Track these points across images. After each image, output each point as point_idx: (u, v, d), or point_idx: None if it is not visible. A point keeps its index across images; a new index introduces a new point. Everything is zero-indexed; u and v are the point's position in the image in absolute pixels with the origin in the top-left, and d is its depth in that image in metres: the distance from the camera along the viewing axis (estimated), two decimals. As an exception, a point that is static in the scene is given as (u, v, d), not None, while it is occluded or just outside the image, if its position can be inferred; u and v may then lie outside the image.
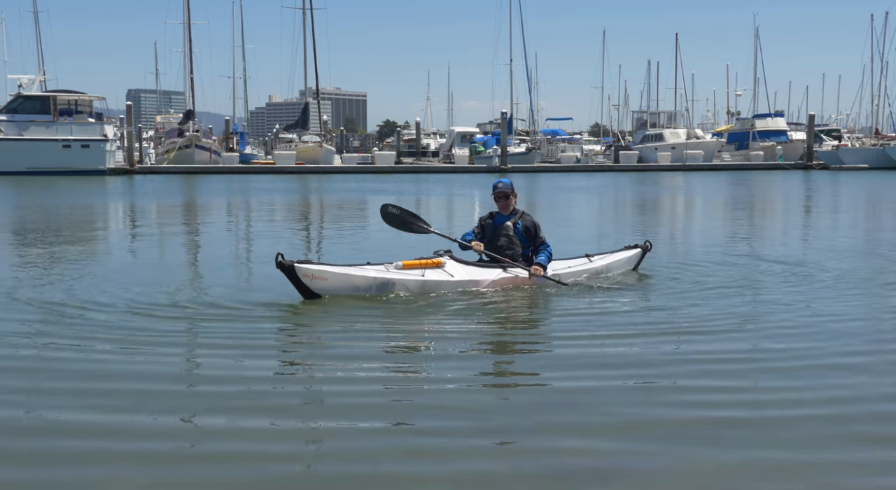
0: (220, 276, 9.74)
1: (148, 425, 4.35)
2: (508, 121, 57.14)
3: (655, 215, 21.31)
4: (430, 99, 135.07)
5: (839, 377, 5.28)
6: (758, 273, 9.69)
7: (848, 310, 7.48)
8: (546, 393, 5.02)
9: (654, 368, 5.44)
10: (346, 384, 5.17)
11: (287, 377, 5.42)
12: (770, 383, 5.14)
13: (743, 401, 4.76)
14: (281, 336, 6.59)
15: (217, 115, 76.83)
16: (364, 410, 4.58)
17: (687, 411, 4.59)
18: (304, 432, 4.32)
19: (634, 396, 4.88)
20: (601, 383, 5.12)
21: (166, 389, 4.98)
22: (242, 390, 4.97)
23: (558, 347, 6.18)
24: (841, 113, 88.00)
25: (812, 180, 40.90)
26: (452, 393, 4.95)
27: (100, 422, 4.40)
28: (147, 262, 11.59)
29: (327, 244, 14.36)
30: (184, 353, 5.97)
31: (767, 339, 6.31)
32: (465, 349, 6.17)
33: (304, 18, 58.38)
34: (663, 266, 10.09)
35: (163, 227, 17.81)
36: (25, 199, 26.50)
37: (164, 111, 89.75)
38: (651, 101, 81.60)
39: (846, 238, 14.39)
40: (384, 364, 5.68)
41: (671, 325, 6.75)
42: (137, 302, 7.67)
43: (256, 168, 52.70)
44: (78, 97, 47.47)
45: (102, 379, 5.23)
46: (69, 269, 10.13)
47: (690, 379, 5.24)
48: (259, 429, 4.31)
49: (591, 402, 4.74)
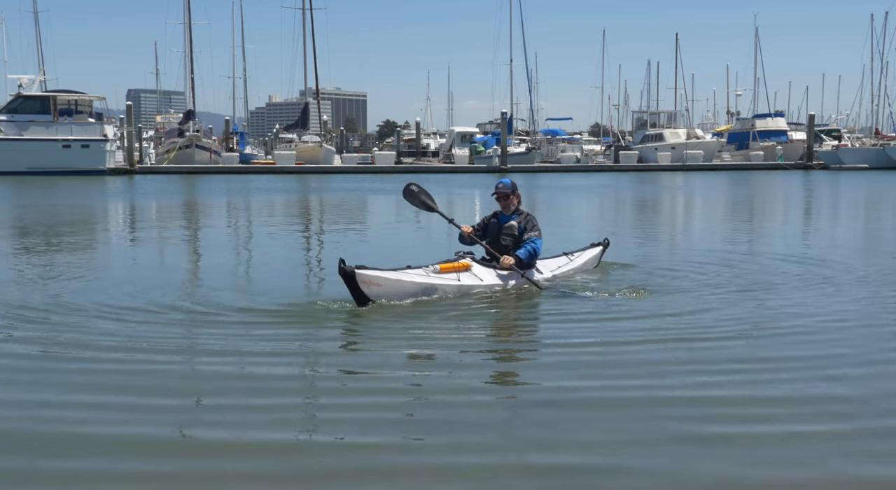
0: (222, 277, 9.75)
1: (149, 439, 4.35)
2: (508, 121, 57.10)
3: (655, 215, 21.31)
4: (430, 99, 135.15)
5: (846, 383, 5.27)
6: (764, 274, 9.62)
7: (857, 311, 7.47)
8: (561, 404, 5.02)
9: (671, 377, 5.39)
10: (357, 395, 5.17)
11: (309, 383, 5.42)
12: (773, 391, 5.13)
13: (749, 408, 4.76)
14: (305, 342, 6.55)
15: (217, 115, 76.80)
16: (373, 417, 4.58)
17: (696, 419, 4.59)
18: (321, 443, 4.31)
19: (646, 410, 4.87)
20: (613, 392, 5.12)
21: (163, 403, 4.97)
22: (249, 391, 4.97)
23: (575, 355, 6.13)
24: (841, 113, 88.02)
25: (812, 180, 40.88)
26: (480, 406, 4.94)
27: (121, 433, 4.39)
28: (148, 263, 11.59)
29: (332, 245, 14.35)
30: (190, 359, 5.96)
31: (775, 345, 6.29)
32: (480, 359, 6.16)
33: (303, 18, 58.40)
34: (665, 268, 10.09)
35: (164, 227, 17.79)
36: (25, 199, 26.49)
37: (165, 111, 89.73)
38: (651, 101, 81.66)
39: (847, 238, 14.38)
40: (402, 373, 5.67)
41: (689, 330, 6.62)
42: (136, 303, 7.67)
43: (256, 168, 52.67)
44: (78, 97, 47.43)
45: (106, 385, 5.23)
46: (69, 271, 10.14)
47: (705, 389, 5.18)
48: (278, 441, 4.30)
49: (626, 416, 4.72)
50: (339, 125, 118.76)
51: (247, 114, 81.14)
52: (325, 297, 7.91)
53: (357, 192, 30.77)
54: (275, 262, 11.05)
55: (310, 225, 18.71)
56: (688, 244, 13.83)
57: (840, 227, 17.46)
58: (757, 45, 73.33)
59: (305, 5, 58.14)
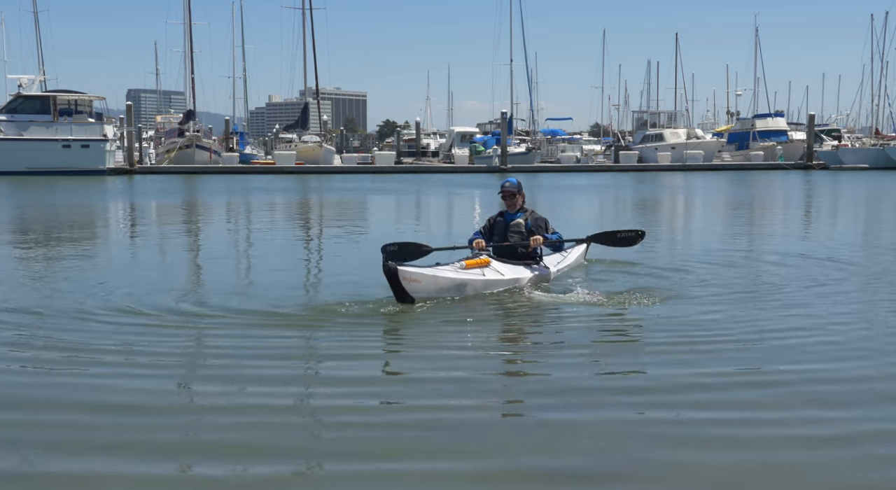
0: (222, 278, 9.75)
1: (150, 440, 4.33)
2: (508, 121, 57.07)
3: (655, 214, 21.28)
4: (430, 99, 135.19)
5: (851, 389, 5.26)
6: (771, 276, 9.60)
7: (861, 315, 7.46)
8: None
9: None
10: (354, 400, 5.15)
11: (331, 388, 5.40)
12: (774, 391, 5.11)
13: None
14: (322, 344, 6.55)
15: (217, 115, 76.73)
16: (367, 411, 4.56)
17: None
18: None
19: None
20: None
21: (163, 403, 4.96)
22: (248, 391, 4.96)
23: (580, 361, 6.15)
24: (841, 113, 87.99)
25: (812, 180, 40.87)
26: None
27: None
28: (148, 263, 11.58)
29: (332, 245, 14.33)
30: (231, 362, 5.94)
31: (777, 346, 6.27)
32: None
33: (303, 18, 58.42)
34: (667, 267, 10.07)
35: (164, 227, 17.77)
36: (25, 199, 26.47)
37: (165, 111, 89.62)
38: (651, 101, 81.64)
39: (849, 238, 14.37)
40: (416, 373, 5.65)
41: (699, 332, 6.56)
42: (136, 303, 7.65)
43: (256, 168, 52.65)
44: (78, 97, 47.42)
45: (105, 388, 5.22)
46: (70, 270, 10.13)
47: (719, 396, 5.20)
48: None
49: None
50: (339, 125, 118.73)
51: (247, 114, 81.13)
52: (326, 297, 7.92)
53: (357, 192, 30.76)
54: (274, 262, 11.04)
55: (310, 225, 18.69)
56: (687, 244, 13.82)
57: (840, 227, 17.44)
58: (757, 45, 73.45)
59: (305, 5, 58.23)
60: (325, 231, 17.03)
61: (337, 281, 9.05)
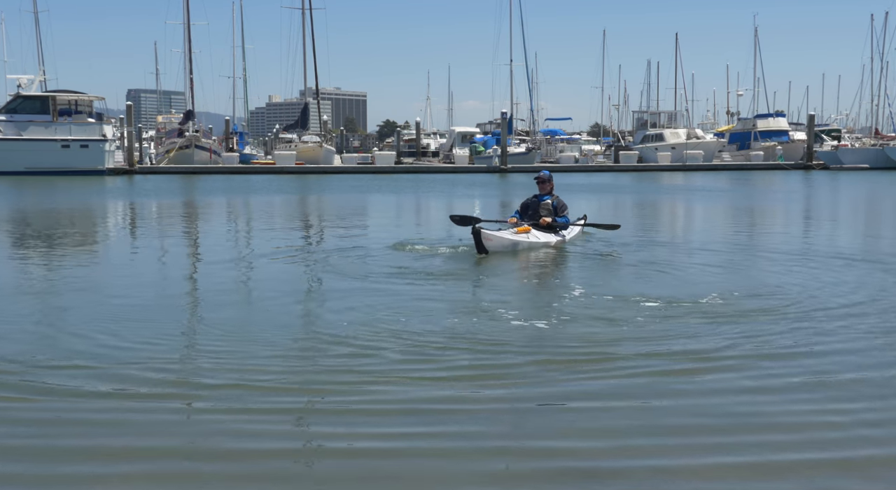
0: (222, 277, 9.71)
1: (151, 443, 4.31)
2: (508, 121, 57.05)
3: (655, 214, 21.27)
4: (430, 99, 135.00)
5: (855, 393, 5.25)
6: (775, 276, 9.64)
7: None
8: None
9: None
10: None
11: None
12: (776, 392, 5.10)
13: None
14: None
15: (217, 115, 76.70)
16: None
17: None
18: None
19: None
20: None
21: (162, 404, 4.94)
22: (249, 388, 4.95)
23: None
24: (841, 113, 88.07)
25: (812, 180, 40.85)
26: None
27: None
28: (147, 263, 11.55)
29: (332, 244, 14.30)
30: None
31: (779, 348, 6.27)
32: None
33: (303, 18, 58.46)
34: (669, 266, 10.06)
35: (163, 227, 17.75)
36: (25, 199, 26.45)
37: (165, 111, 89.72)
38: (651, 101, 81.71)
39: (849, 238, 14.35)
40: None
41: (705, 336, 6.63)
42: (135, 304, 7.64)
43: (256, 168, 52.62)
44: (77, 97, 47.38)
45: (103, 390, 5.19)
46: (68, 270, 10.10)
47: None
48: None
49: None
50: (339, 125, 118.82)
51: (247, 114, 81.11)
52: (327, 298, 7.89)
53: (357, 192, 30.73)
54: (275, 261, 11.02)
55: (310, 225, 18.66)
56: (689, 244, 13.79)
57: (839, 226, 17.42)
58: (757, 45, 73.46)
59: (305, 5, 58.21)
60: (325, 231, 17.00)
61: (335, 282, 9.03)
